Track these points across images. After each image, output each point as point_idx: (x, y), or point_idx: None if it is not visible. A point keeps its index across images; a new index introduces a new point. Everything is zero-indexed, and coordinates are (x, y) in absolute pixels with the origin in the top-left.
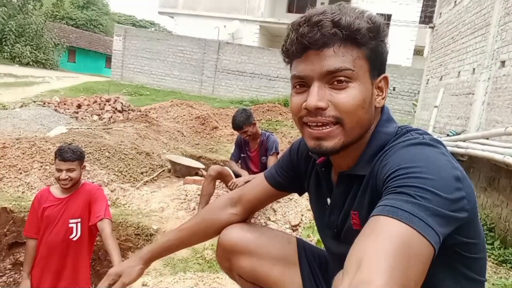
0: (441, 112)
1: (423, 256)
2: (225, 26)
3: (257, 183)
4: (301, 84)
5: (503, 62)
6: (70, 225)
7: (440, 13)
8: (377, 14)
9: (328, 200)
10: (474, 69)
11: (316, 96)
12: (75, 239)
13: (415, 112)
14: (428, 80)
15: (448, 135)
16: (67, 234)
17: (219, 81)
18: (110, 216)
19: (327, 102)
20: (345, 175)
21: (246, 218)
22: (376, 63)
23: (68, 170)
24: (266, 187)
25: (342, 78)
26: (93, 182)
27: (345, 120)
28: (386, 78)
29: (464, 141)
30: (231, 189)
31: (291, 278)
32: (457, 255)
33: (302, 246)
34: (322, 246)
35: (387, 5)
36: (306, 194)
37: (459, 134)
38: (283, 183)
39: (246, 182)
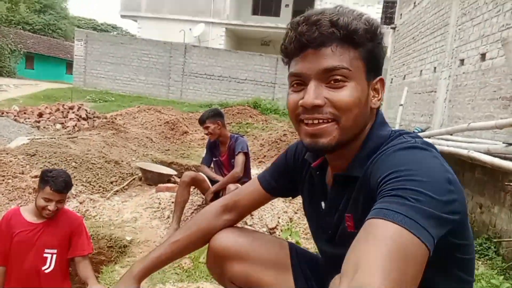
0: (406, 110)
1: (418, 258)
2: (190, 29)
3: (252, 189)
4: (298, 82)
5: (462, 61)
6: (45, 255)
7: (401, 14)
8: None
9: (323, 204)
10: (435, 67)
11: (313, 94)
12: (47, 271)
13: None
14: (392, 79)
15: (413, 132)
16: (40, 265)
17: (187, 85)
18: (92, 250)
19: (324, 99)
20: (340, 177)
21: (238, 222)
22: (373, 64)
23: (58, 201)
24: (261, 192)
25: (339, 77)
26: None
27: (341, 117)
28: (382, 80)
29: (429, 137)
30: (208, 200)
31: (284, 282)
32: (450, 257)
33: (294, 250)
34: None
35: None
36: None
37: (424, 131)
38: (277, 188)
39: (214, 192)
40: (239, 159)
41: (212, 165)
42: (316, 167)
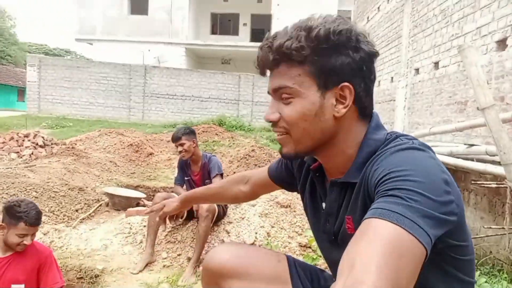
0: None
1: (414, 256)
2: (149, 50)
3: (263, 170)
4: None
5: (417, 70)
6: None
7: None
8: None
9: (323, 205)
10: (392, 77)
11: (269, 110)
12: None
13: None
14: None
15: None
16: None
17: (148, 106)
18: (64, 283)
19: (278, 115)
20: (337, 183)
21: (252, 198)
22: (325, 75)
23: (33, 234)
24: (267, 176)
25: (285, 95)
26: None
27: (290, 131)
28: (347, 87)
29: (393, 131)
30: (174, 221)
31: None
32: (449, 258)
33: (293, 263)
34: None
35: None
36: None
37: None
38: (279, 179)
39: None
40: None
41: (184, 185)
42: (315, 169)
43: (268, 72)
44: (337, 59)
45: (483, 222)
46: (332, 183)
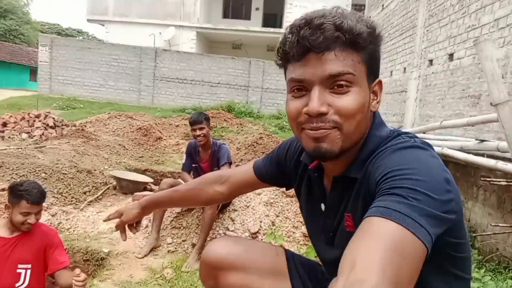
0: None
1: (416, 255)
2: (160, 33)
3: (245, 169)
4: (299, 88)
5: (431, 61)
6: (18, 271)
7: (370, 16)
8: None
9: (322, 206)
10: (405, 68)
11: (318, 101)
12: (21, 287)
13: None
14: None
15: None
16: (14, 281)
17: (158, 90)
18: (70, 263)
19: (328, 107)
20: (339, 178)
21: (229, 199)
22: (373, 67)
23: (37, 213)
24: (252, 175)
25: (343, 83)
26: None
27: (344, 124)
28: (380, 82)
29: (396, 128)
30: None
31: None
32: (447, 256)
33: (291, 257)
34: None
35: (317, 9)
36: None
37: None
38: (266, 176)
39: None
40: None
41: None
42: (314, 169)
43: (305, 57)
44: (379, 55)
45: (491, 219)
46: (335, 180)
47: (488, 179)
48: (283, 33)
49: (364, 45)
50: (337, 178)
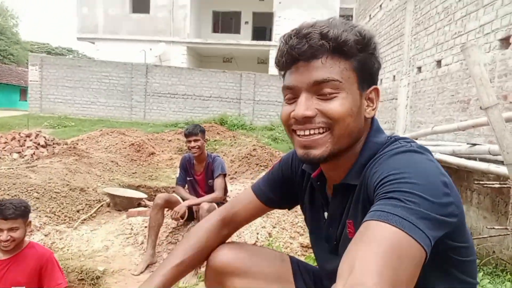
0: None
1: (414, 258)
2: (151, 49)
3: (248, 201)
4: (291, 94)
5: (419, 68)
6: None
7: None
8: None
9: (325, 214)
10: (394, 76)
11: (304, 105)
12: None
13: None
14: None
15: None
16: None
17: (150, 105)
18: (67, 284)
19: (315, 110)
20: (339, 187)
21: (232, 235)
22: (365, 75)
23: (10, 229)
24: (257, 205)
25: (329, 90)
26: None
27: (335, 126)
28: (376, 90)
29: (393, 134)
30: (174, 219)
31: None
32: (450, 259)
33: (296, 264)
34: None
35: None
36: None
37: None
38: (276, 200)
39: (188, 207)
40: (220, 182)
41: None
42: (316, 177)
43: (294, 65)
44: (374, 62)
45: (486, 222)
46: (336, 188)
47: (481, 182)
48: (275, 44)
49: (352, 52)
50: (336, 186)
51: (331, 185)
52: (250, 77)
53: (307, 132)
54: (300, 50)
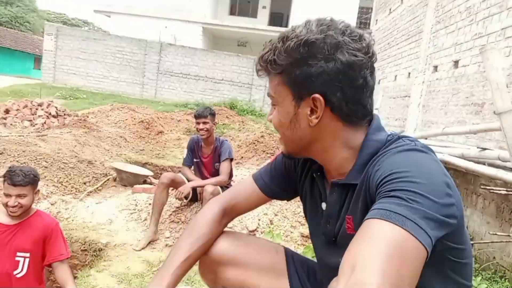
0: (380, 114)
1: (416, 258)
2: (166, 27)
3: (250, 192)
4: None
5: (435, 67)
6: (17, 259)
7: (376, 20)
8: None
9: (323, 205)
10: (409, 73)
11: (268, 113)
12: (19, 275)
13: None
14: None
15: None
16: (11, 268)
17: (162, 84)
18: (70, 255)
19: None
20: (339, 185)
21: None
22: (297, 86)
23: (18, 196)
24: (260, 196)
25: (273, 102)
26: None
27: (279, 134)
28: (317, 99)
29: (395, 132)
30: (178, 199)
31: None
32: (446, 261)
33: (291, 256)
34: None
35: (324, 13)
36: None
37: None
38: (277, 191)
39: (192, 188)
40: (226, 166)
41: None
42: (317, 168)
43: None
44: (307, 70)
45: (489, 227)
46: (334, 185)
47: (488, 187)
48: None
49: (280, 69)
50: (335, 184)
51: (329, 179)
52: None
53: None
54: (258, 70)
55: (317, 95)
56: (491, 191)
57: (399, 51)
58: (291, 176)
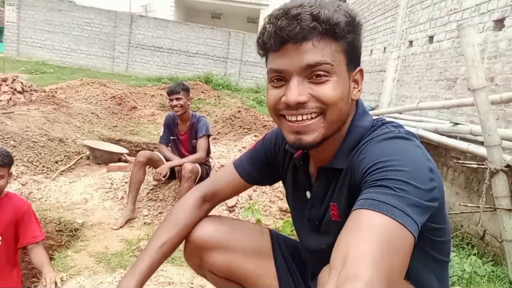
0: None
1: (405, 246)
2: None
3: (231, 179)
4: (279, 78)
5: (411, 42)
6: None
7: None
8: None
9: (308, 194)
10: (385, 48)
11: (296, 91)
12: None
13: None
14: None
15: None
16: None
17: (133, 57)
18: (44, 236)
19: (308, 95)
20: (324, 169)
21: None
22: (353, 56)
23: None
24: (240, 183)
25: (321, 73)
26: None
27: (327, 110)
28: (361, 71)
29: (379, 115)
30: (156, 180)
31: (266, 270)
32: (427, 240)
33: (276, 237)
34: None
35: None
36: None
37: (374, 109)
38: (258, 177)
39: (170, 168)
40: (203, 142)
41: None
42: (299, 157)
43: (284, 47)
44: (360, 42)
45: (457, 197)
46: (320, 170)
47: (460, 161)
48: (266, 3)
49: (343, 34)
50: (322, 169)
51: (315, 166)
52: (238, 36)
53: (299, 118)
54: (291, 32)
55: (362, 68)
56: (463, 164)
57: (375, 26)
58: (272, 163)
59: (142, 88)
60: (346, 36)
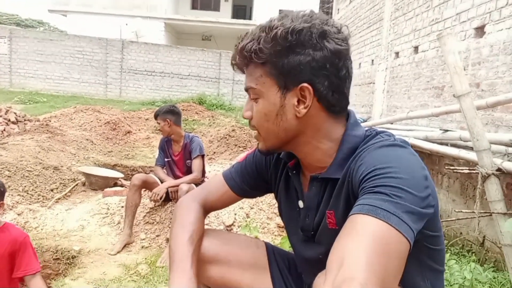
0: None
1: (401, 252)
2: (127, 24)
3: (221, 192)
4: None
5: (397, 53)
6: None
7: (338, 9)
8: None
9: (300, 203)
10: (372, 60)
11: (245, 108)
12: None
13: None
14: None
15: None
16: None
17: (126, 82)
18: (40, 268)
19: (250, 113)
20: (319, 179)
21: None
22: (284, 76)
23: None
24: (230, 195)
25: (252, 95)
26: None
27: (258, 129)
28: (306, 88)
29: (371, 127)
30: (153, 201)
31: (262, 283)
32: (424, 248)
33: (271, 250)
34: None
35: (287, 3)
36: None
37: (366, 121)
38: (248, 190)
39: (168, 188)
40: (198, 163)
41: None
42: (292, 166)
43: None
44: (295, 59)
45: (454, 204)
46: (313, 179)
47: (452, 167)
48: (254, 24)
49: (264, 59)
50: (315, 178)
51: (307, 175)
52: (229, 56)
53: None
54: (236, 62)
55: (305, 84)
56: (455, 170)
57: (362, 39)
58: (262, 176)
59: (136, 113)
60: (268, 60)
